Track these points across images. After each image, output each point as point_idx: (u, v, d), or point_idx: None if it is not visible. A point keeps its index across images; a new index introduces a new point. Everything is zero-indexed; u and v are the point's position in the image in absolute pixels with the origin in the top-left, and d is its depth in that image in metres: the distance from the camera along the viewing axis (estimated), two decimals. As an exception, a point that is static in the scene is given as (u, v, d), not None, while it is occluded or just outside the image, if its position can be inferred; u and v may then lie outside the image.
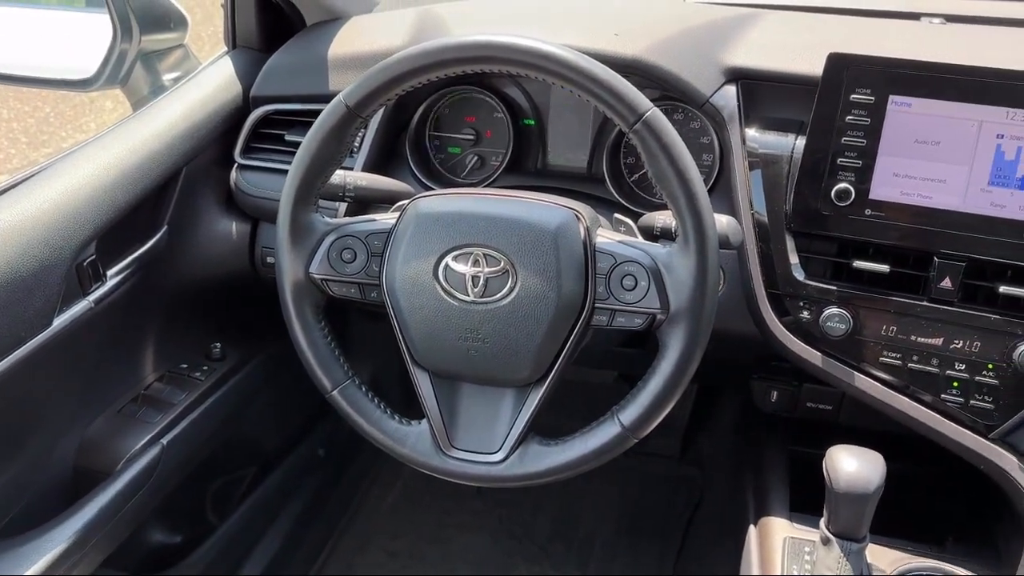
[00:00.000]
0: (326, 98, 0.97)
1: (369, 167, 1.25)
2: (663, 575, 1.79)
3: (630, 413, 0.92)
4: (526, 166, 1.29)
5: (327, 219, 0.99)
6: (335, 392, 0.99)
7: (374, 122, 1.24)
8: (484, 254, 0.91)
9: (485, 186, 1.27)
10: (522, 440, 0.95)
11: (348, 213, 1.19)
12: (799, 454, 1.29)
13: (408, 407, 1.02)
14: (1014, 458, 1.02)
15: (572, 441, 0.95)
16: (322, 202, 1.01)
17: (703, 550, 1.75)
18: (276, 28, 1.44)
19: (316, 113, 0.96)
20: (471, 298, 0.92)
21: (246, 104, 1.36)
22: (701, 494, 1.92)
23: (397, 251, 0.95)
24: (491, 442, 0.97)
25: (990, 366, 1.02)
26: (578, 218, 0.93)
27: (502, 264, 0.91)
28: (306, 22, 1.44)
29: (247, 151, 1.35)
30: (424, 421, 0.98)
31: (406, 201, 0.98)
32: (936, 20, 1.31)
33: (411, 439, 0.98)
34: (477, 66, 0.90)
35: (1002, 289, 1.00)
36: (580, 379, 1.93)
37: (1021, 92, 0.96)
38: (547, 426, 0.97)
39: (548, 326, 0.91)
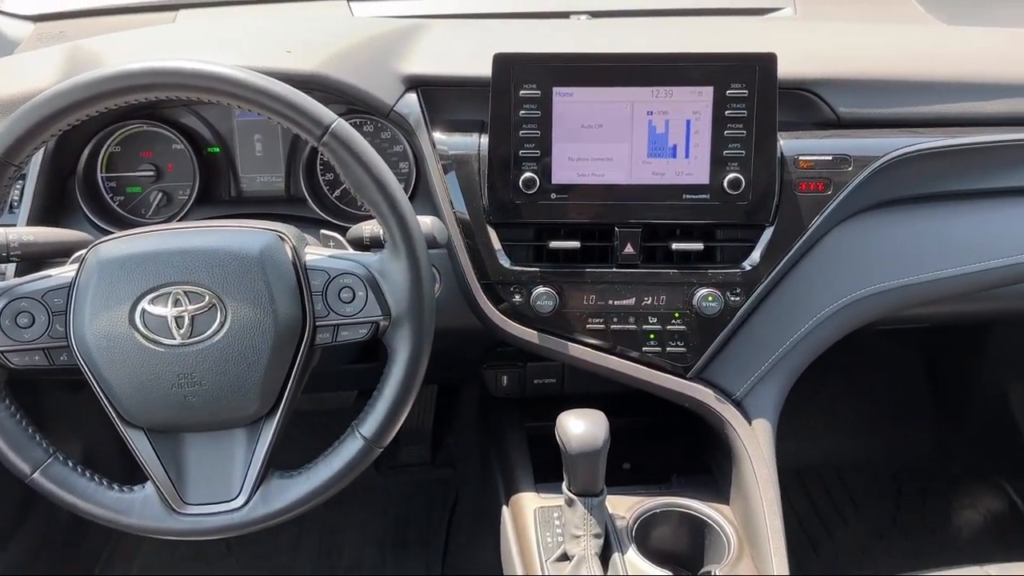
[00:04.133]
0: None
1: (35, 220, 1.12)
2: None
3: (370, 424, 0.92)
4: (218, 196, 1.23)
5: None
6: (36, 474, 0.89)
7: (32, 170, 1.11)
8: (185, 292, 0.86)
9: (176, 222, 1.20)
10: (262, 478, 0.91)
11: (18, 274, 1.06)
12: (536, 429, 1.36)
13: (135, 474, 0.94)
14: (710, 391, 1.16)
15: (316, 467, 0.93)
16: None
17: (467, 544, 1.79)
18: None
19: None
20: (178, 341, 0.86)
21: None
22: (457, 492, 1.96)
23: (83, 305, 0.86)
24: (228, 489, 0.91)
25: (677, 315, 1.15)
26: (282, 239, 0.91)
27: (207, 299, 0.86)
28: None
29: None
30: (148, 484, 0.91)
31: (84, 250, 0.89)
32: (583, 17, 1.46)
33: (137, 506, 0.90)
34: (143, 95, 0.85)
35: (674, 246, 1.13)
36: (322, 408, 1.89)
37: (659, 72, 1.10)
38: (296, 461, 0.94)
39: (270, 355, 0.88)
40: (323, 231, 1.03)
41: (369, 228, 0.97)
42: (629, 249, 1.13)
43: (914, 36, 1.41)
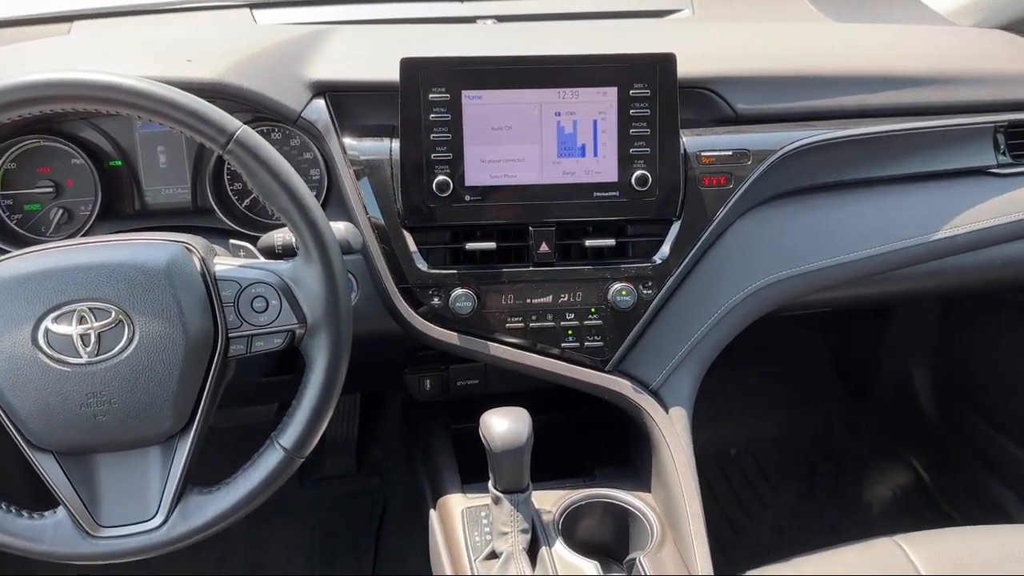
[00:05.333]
0: None
1: (-72, 243, 1.07)
2: None
3: (290, 434, 0.91)
4: (122, 210, 1.19)
5: None
6: None
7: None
8: (90, 308, 0.84)
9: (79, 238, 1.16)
10: (180, 496, 0.89)
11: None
12: (461, 431, 1.37)
13: (45, 499, 0.90)
14: (627, 382, 1.19)
15: (236, 480, 0.91)
16: None
17: (396, 551, 1.78)
18: None
19: None
20: (85, 359, 0.84)
21: None
22: (384, 500, 1.95)
23: None
24: (145, 508, 0.89)
25: (593, 310, 1.17)
26: (189, 250, 0.89)
27: (113, 315, 0.84)
28: None
29: None
30: (60, 508, 0.87)
31: None
32: (489, 21, 1.48)
33: (48, 532, 0.87)
34: (38, 107, 0.82)
35: (588, 243, 1.16)
36: (243, 423, 1.85)
37: (564, 74, 1.12)
38: (217, 479, 0.93)
39: (181, 369, 0.87)
40: (232, 241, 1.02)
41: (281, 236, 0.96)
42: (544, 248, 1.15)
43: (805, 34, 1.48)
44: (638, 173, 1.14)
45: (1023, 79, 1.36)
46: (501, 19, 1.49)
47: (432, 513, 1.24)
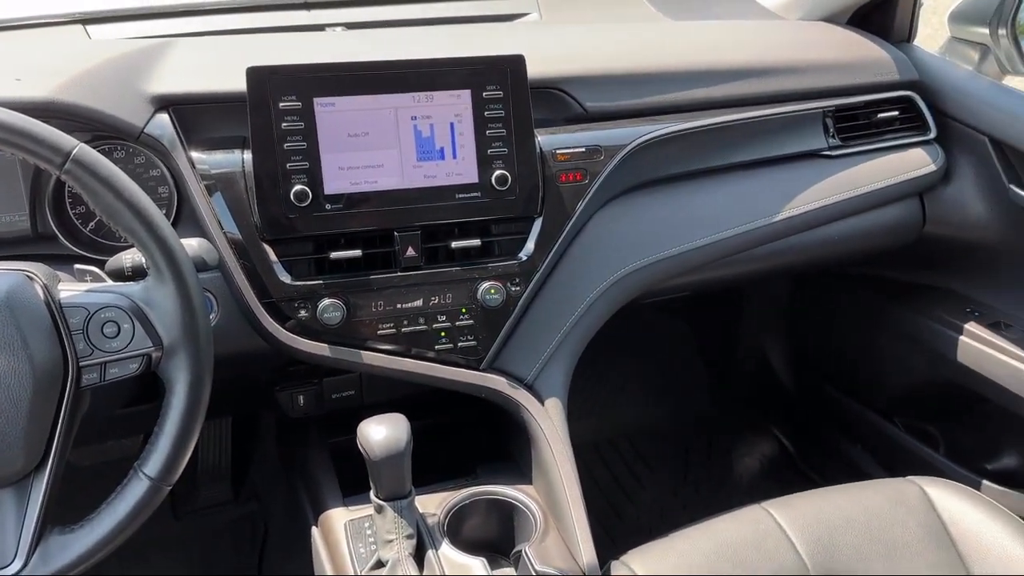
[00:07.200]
0: None
1: None
2: None
3: (154, 463, 0.87)
4: (-51, 242, 1.11)
5: None
6: None
7: None
8: None
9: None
10: (39, 537, 0.84)
11: None
12: (340, 444, 1.35)
13: None
14: (503, 379, 1.21)
15: (99, 516, 0.87)
16: None
17: (281, 573, 1.73)
18: None
19: None
20: (-84, 402, 0.77)
21: None
22: (266, 525, 1.89)
23: None
24: (1, 554, 0.83)
25: (464, 311, 1.18)
26: (30, 278, 0.84)
27: (-51, 352, 0.78)
28: None
29: None
30: None
31: None
32: (339, 29, 1.46)
33: None
34: None
35: (454, 245, 1.17)
36: (108, 458, 1.75)
37: (417, 78, 1.13)
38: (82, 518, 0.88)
39: (31, 403, 0.81)
40: (77, 266, 0.96)
41: (130, 257, 0.92)
42: (411, 252, 1.15)
43: (647, 33, 1.54)
44: (497, 173, 1.16)
45: (844, 66, 1.47)
46: (351, 26, 1.47)
47: (314, 530, 1.21)
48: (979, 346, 1.50)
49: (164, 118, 1.10)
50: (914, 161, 1.49)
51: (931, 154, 1.50)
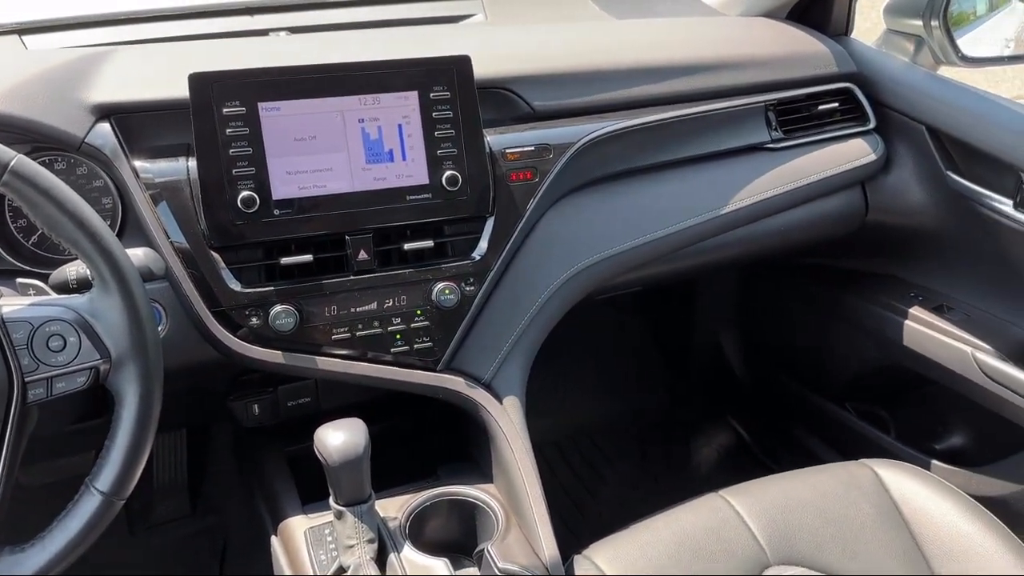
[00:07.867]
0: None
1: None
2: None
3: (106, 477, 0.86)
4: None
5: None
6: None
7: None
8: None
9: None
10: (-13, 560, 0.82)
11: None
12: (297, 452, 1.33)
13: None
14: (460, 379, 1.21)
15: (50, 533, 0.85)
16: None
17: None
18: None
19: None
20: None
21: None
22: (225, 538, 1.86)
23: None
24: None
25: (419, 312, 1.18)
26: (-31, 294, 0.82)
27: None
28: None
29: None
30: None
31: None
32: (283, 33, 1.45)
33: None
34: None
35: (407, 247, 1.16)
36: (61, 477, 1.70)
37: (363, 81, 1.12)
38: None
39: None
40: (19, 280, 0.94)
41: (74, 269, 0.90)
42: (363, 255, 1.15)
43: (592, 32, 1.56)
44: (448, 173, 1.16)
45: (785, 60, 1.50)
46: (294, 31, 1.46)
47: (274, 540, 1.20)
48: (923, 329, 1.55)
49: (105, 127, 1.08)
50: (855, 151, 1.53)
51: (871, 144, 1.54)
